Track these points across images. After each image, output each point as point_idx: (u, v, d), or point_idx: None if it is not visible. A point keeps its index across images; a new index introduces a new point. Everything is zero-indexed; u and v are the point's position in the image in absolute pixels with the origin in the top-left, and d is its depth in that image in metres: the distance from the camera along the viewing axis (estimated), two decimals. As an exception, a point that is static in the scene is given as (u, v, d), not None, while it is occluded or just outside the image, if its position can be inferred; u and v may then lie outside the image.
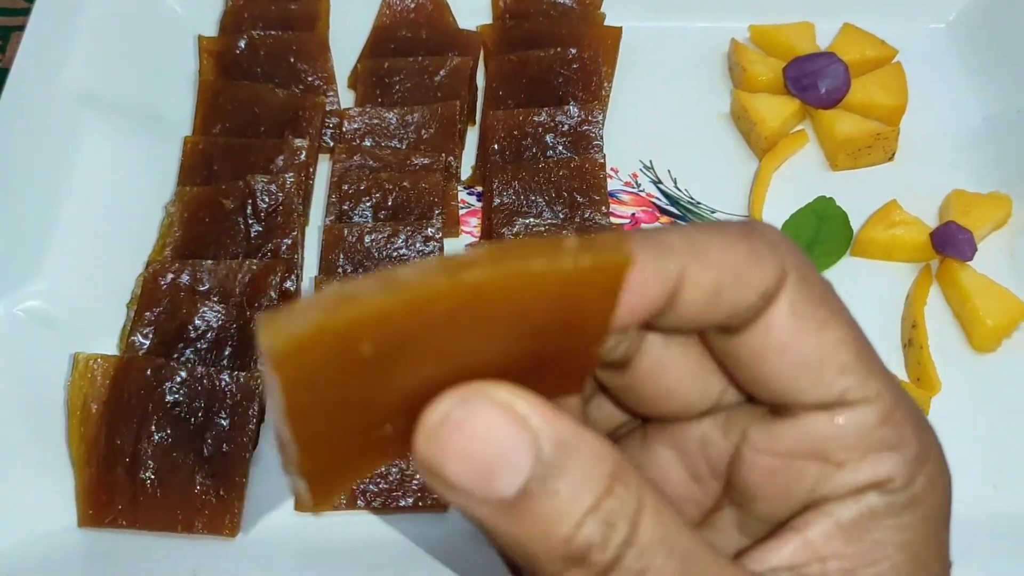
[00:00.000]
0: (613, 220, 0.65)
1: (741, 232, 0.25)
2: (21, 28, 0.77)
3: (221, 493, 0.52)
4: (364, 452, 0.23)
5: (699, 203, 0.67)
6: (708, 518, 0.29)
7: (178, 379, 0.54)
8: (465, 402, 0.22)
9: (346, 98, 0.70)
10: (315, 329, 0.19)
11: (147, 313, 0.58)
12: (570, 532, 0.22)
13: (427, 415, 0.22)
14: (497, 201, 0.63)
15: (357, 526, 0.53)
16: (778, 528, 0.27)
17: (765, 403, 0.27)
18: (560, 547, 0.22)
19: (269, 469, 0.55)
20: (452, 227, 0.64)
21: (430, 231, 0.61)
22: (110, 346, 0.58)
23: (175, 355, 0.56)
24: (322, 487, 0.22)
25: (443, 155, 0.65)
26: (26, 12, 0.77)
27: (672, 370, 0.28)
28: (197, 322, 0.57)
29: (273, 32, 0.70)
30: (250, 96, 0.67)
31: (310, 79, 0.69)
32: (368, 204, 0.63)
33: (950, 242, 0.61)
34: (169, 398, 0.54)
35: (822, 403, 0.26)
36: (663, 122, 0.70)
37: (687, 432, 0.29)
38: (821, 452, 0.26)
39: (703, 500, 0.29)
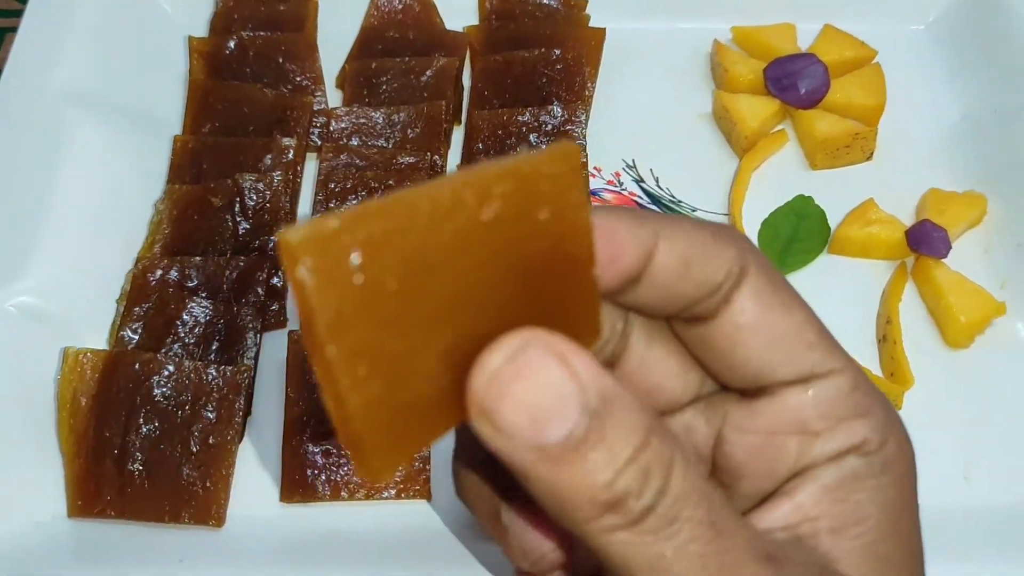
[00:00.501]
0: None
1: (704, 222, 0.29)
2: (13, 30, 0.78)
3: (207, 484, 0.54)
4: (416, 411, 0.23)
5: (680, 201, 0.68)
6: None
7: (166, 373, 0.55)
8: (525, 348, 0.23)
9: (334, 98, 0.72)
10: (334, 227, 0.20)
11: (136, 308, 0.59)
12: (609, 480, 0.23)
13: (486, 358, 0.23)
14: (481, 199, 0.64)
15: (342, 517, 0.54)
16: (768, 496, 0.29)
17: (740, 388, 0.30)
18: (599, 494, 0.23)
19: (255, 461, 0.56)
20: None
21: (415, 228, 0.62)
22: (100, 341, 0.59)
23: (163, 349, 0.57)
24: (380, 448, 0.22)
25: (429, 154, 0.66)
26: (19, 14, 0.79)
27: (656, 368, 0.31)
28: (185, 317, 0.58)
29: (262, 33, 0.71)
30: (239, 96, 0.68)
31: (298, 79, 0.70)
32: (354, 202, 0.64)
33: (925, 240, 0.62)
34: (157, 391, 0.55)
35: (795, 378, 0.28)
36: (646, 122, 0.71)
37: (671, 424, 0.31)
38: (799, 424, 0.28)
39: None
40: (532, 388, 0.23)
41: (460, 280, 0.23)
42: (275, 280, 0.61)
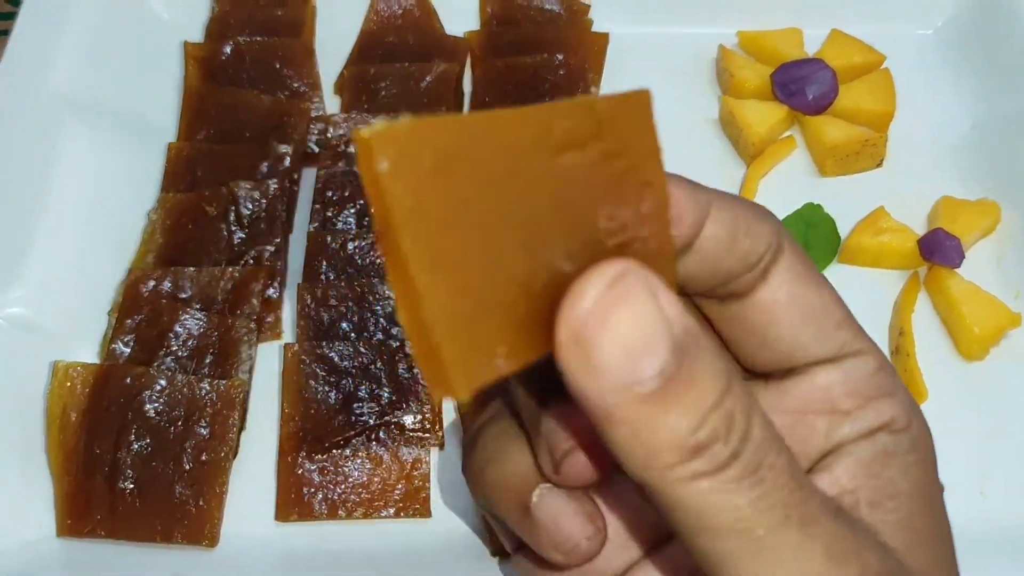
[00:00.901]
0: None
1: (744, 199, 0.29)
2: (5, 33, 0.77)
3: (201, 503, 0.52)
4: (497, 332, 0.22)
5: (686, 210, 0.66)
6: None
7: (158, 387, 0.54)
8: (625, 275, 0.22)
9: (332, 104, 0.70)
10: (412, 127, 0.20)
11: (128, 320, 0.57)
12: (697, 423, 0.23)
13: (584, 284, 0.22)
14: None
15: (338, 536, 0.53)
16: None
17: (769, 370, 0.30)
18: (685, 438, 0.23)
19: (250, 478, 0.54)
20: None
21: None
22: (92, 353, 0.58)
23: (156, 363, 0.56)
24: (459, 360, 0.21)
25: (428, 161, 0.65)
26: (11, 16, 0.77)
27: None
28: (178, 329, 0.57)
29: (259, 38, 0.70)
30: (235, 102, 0.66)
31: (295, 85, 0.69)
32: (352, 211, 0.62)
33: (938, 249, 0.61)
34: (149, 406, 0.53)
35: (825, 356, 0.29)
36: (650, 128, 0.70)
37: None
38: (829, 403, 0.29)
39: None
40: (631, 320, 0.22)
41: (539, 205, 0.22)
42: (270, 291, 0.59)
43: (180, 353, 0.56)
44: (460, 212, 0.21)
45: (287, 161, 0.64)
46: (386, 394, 0.55)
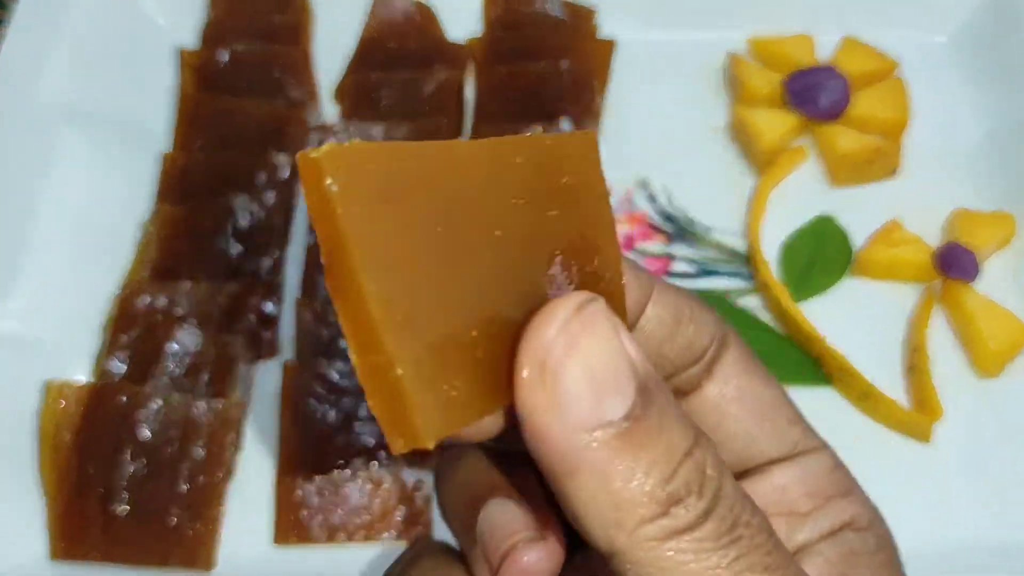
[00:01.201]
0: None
1: (682, 288, 0.28)
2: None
3: (196, 526, 0.51)
4: (461, 373, 0.21)
5: (695, 221, 0.65)
6: None
7: (153, 407, 0.52)
8: (589, 303, 0.21)
9: (331, 112, 0.69)
10: (362, 147, 0.19)
11: (122, 336, 0.56)
12: (669, 472, 0.21)
13: (551, 309, 0.21)
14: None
15: (338, 560, 0.51)
16: None
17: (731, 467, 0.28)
18: (657, 490, 0.21)
19: (247, 500, 0.53)
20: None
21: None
22: (85, 370, 0.56)
23: (150, 381, 0.54)
24: (423, 404, 0.19)
25: (430, 171, 0.63)
26: (3, 22, 0.76)
27: None
28: (173, 346, 0.55)
29: (256, 44, 0.68)
30: (231, 110, 0.65)
31: (293, 93, 0.67)
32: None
33: (954, 263, 0.59)
34: (143, 427, 0.52)
35: (780, 455, 0.28)
36: (658, 137, 0.68)
37: None
38: (787, 504, 0.27)
39: None
40: (598, 350, 0.21)
41: (491, 243, 0.21)
42: (268, 307, 0.58)
43: (175, 371, 0.55)
44: (411, 241, 0.19)
45: (285, 171, 0.62)
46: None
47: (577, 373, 0.20)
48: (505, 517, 0.26)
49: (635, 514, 0.21)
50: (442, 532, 0.51)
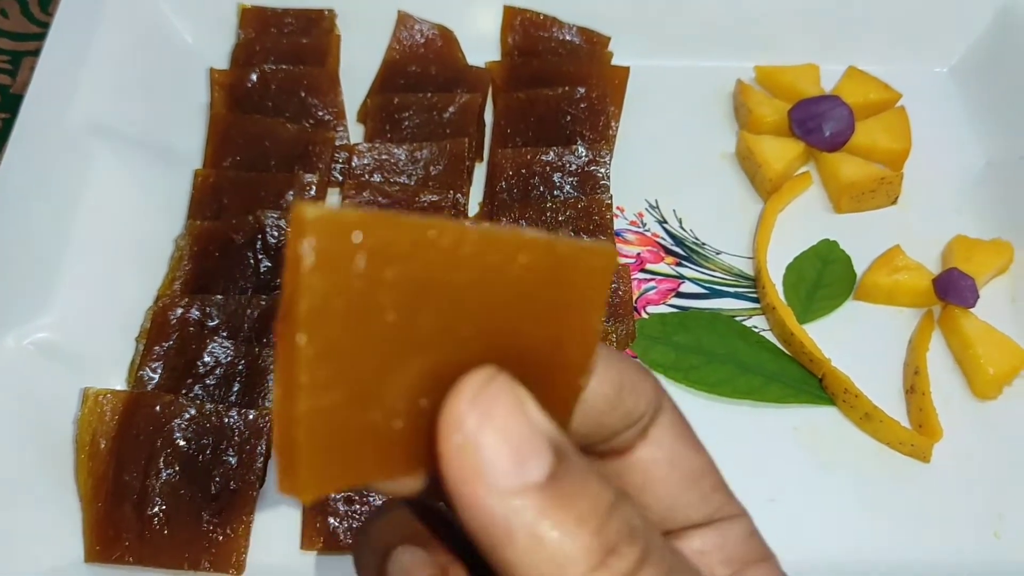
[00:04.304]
0: (619, 260, 0.65)
1: (624, 354, 0.29)
2: (31, 53, 0.78)
3: (228, 531, 0.53)
4: (364, 442, 0.21)
5: (704, 244, 0.67)
6: None
7: (187, 416, 0.54)
8: (496, 376, 0.22)
9: (355, 132, 0.71)
10: (353, 219, 0.19)
11: (156, 347, 0.58)
12: (600, 523, 0.22)
13: (461, 385, 0.21)
14: (505, 239, 0.64)
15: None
16: None
17: None
18: (591, 541, 0.21)
19: (276, 507, 0.55)
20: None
21: (438, 269, 0.61)
22: (119, 379, 0.58)
23: (184, 390, 0.57)
24: (313, 464, 0.20)
25: (451, 192, 0.66)
26: (36, 37, 0.78)
27: None
28: (206, 357, 0.57)
29: (284, 66, 0.70)
30: (261, 130, 0.67)
31: (320, 113, 0.70)
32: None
33: (952, 289, 0.62)
34: (177, 434, 0.54)
35: (701, 520, 0.28)
36: (669, 161, 0.71)
37: None
38: (705, 568, 0.28)
39: None
40: (511, 417, 0.21)
41: (452, 326, 0.22)
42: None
43: (208, 381, 0.57)
44: (367, 321, 0.20)
45: (312, 190, 0.65)
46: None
47: (493, 441, 0.21)
48: (413, 560, 0.27)
49: (574, 570, 0.21)
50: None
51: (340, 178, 0.68)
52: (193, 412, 0.55)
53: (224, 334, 0.58)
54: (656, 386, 0.28)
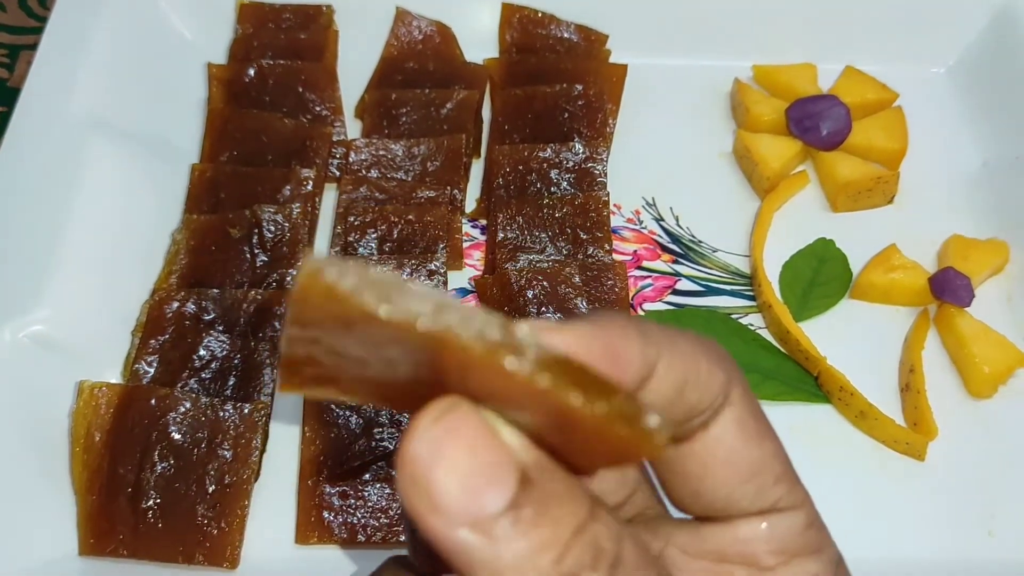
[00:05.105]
0: (615, 257, 0.65)
1: (699, 340, 0.27)
2: (29, 47, 0.78)
3: (222, 525, 0.53)
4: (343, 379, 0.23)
5: (700, 242, 0.67)
6: None
7: (182, 409, 0.54)
8: (453, 408, 0.22)
9: (353, 128, 0.71)
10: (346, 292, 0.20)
11: (152, 341, 0.58)
12: (558, 553, 0.21)
13: (417, 420, 0.22)
14: (501, 236, 0.64)
15: (357, 560, 0.53)
16: None
17: (695, 514, 0.28)
18: (551, 569, 0.21)
19: (271, 501, 0.55)
20: (456, 260, 0.64)
21: (434, 265, 0.61)
22: (114, 373, 0.58)
23: (179, 384, 0.56)
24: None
25: (448, 188, 0.66)
26: (34, 31, 0.78)
27: (593, 485, 0.29)
28: (201, 351, 0.57)
29: (282, 61, 0.70)
30: (258, 125, 0.67)
31: (318, 109, 0.70)
32: (373, 236, 0.63)
33: (948, 288, 0.62)
34: (173, 428, 0.54)
35: (755, 511, 0.27)
36: (666, 159, 0.71)
37: None
38: (749, 557, 0.27)
39: None
40: (465, 450, 0.21)
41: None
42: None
43: (203, 375, 0.57)
44: (340, 359, 0.22)
45: (309, 185, 0.65)
46: (406, 419, 0.56)
47: (443, 476, 0.21)
48: None
49: None
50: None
51: (337, 173, 0.68)
52: (188, 406, 0.54)
53: (220, 328, 0.58)
54: (726, 376, 0.27)
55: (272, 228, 0.62)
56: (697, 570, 0.27)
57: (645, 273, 0.66)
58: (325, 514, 0.54)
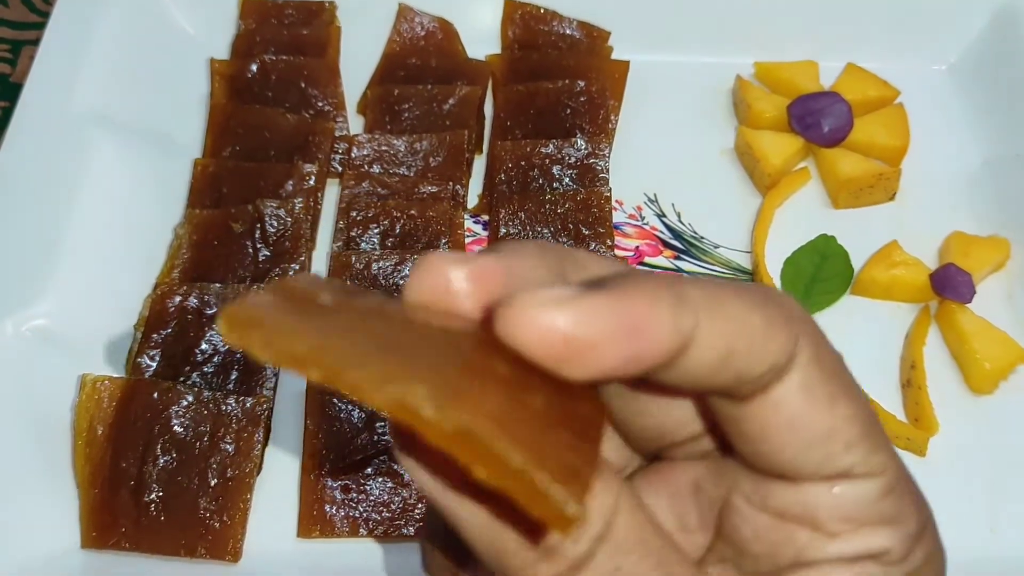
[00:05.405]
0: (617, 253, 0.65)
1: (759, 298, 0.24)
2: (31, 42, 0.78)
3: (224, 518, 0.53)
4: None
5: (702, 238, 0.68)
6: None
7: (184, 403, 0.54)
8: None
9: (355, 124, 0.71)
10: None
11: (154, 335, 0.58)
12: None
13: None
14: (503, 231, 0.64)
15: (359, 554, 0.53)
16: None
17: (758, 472, 0.26)
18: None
19: (273, 495, 0.55)
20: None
21: (437, 260, 0.61)
22: (117, 367, 0.58)
23: (182, 378, 0.57)
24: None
25: (451, 183, 0.66)
26: (36, 26, 0.78)
27: (659, 410, 0.27)
28: (204, 346, 0.58)
29: (284, 57, 0.70)
30: (261, 120, 0.67)
31: (320, 104, 0.70)
32: (376, 231, 0.63)
33: (949, 284, 0.62)
34: (175, 422, 0.54)
35: (823, 476, 0.25)
36: (668, 156, 0.71)
37: (679, 475, 0.28)
38: (814, 520, 0.25)
39: (689, 554, 0.28)
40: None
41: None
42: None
43: (206, 369, 0.57)
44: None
45: (311, 180, 0.65)
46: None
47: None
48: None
49: (513, 561, 0.22)
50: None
51: (339, 169, 0.68)
52: (190, 399, 0.55)
53: (222, 322, 0.58)
54: (789, 339, 0.24)
55: (274, 223, 0.62)
56: (759, 524, 0.26)
57: (647, 269, 0.66)
58: (327, 508, 0.54)
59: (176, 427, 0.54)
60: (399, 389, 0.19)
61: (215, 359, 0.57)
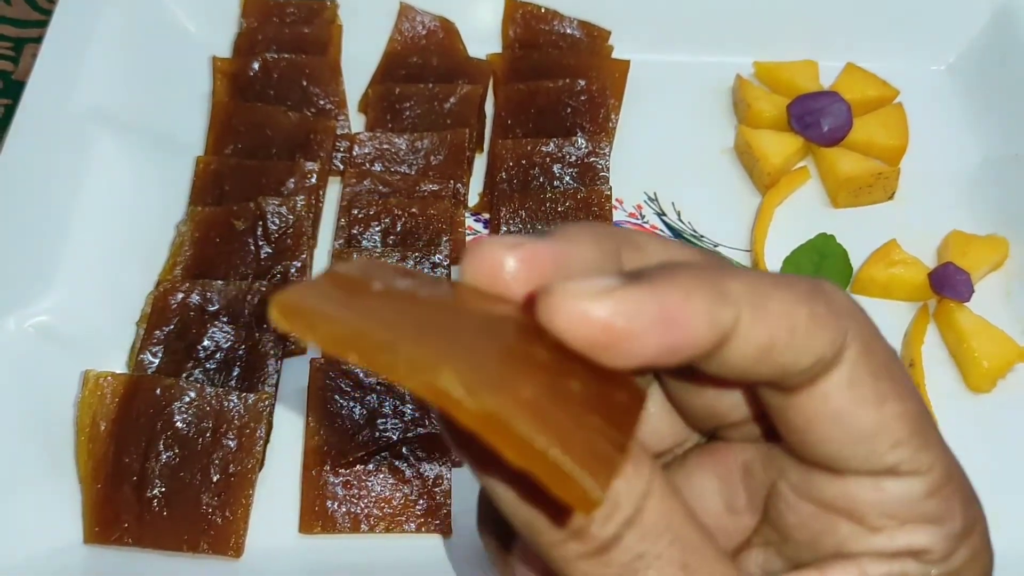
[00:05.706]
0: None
1: (806, 292, 0.23)
2: (34, 40, 0.78)
3: (227, 514, 0.53)
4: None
5: (702, 236, 0.68)
6: (735, 556, 0.28)
7: (187, 399, 0.55)
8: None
9: (356, 122, 0.71)
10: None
11: (157, 332, 0.58)
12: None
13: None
14: (504, 229, 0.64)
15: (361, 549, 0.54)
16: (802, 567, 0.27)
17: (804, 462, 0.26)
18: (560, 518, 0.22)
19: (275, 491, 0.55)
20: (459, 254, 0.65)
21: (438, 258, 0.62)
22: (119, 363, 0.59)
23: (184, 374, 0.57)
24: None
25: (452, 182, 0.66)
26: (38, 24, 0.78)
27: (709, 393, 0.28)
28: (206, 342, 0.58)
29: (286, 55, 0.71)
30: (263, 118, 0.68)
31: (322, 102, 0.70)
32: (377, 229, 0.63)
33: (948, 283, 0.62)
34: (178, 418, 0.54)
35: (868, 471, 0.25)
36: (668, 155, 0.71)
37: (731, 456, 0.29)
38: (857, 514, 0.26)
39: (734, 535, 0.28)
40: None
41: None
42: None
43: (208, 365, 0.57)
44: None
45: (313, 178, 0.65)
46: (409, 411, 0.56)
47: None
48: None
49: (544, 538, 0.23)
50: (458, 525, 0.53)
51: (341, 167, 0.68)
52: (193, 395, 0.55)
53: (224, 319, 0.59)
54: (837, 333, 0.24)
55: (276, 220, 0.62)
56: (803, 513, 0.26)
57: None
58: (329, 504, 0.54)
59: (178, 423, 0.54)
60: (430, 372, 0.19)
61: (217, 355, 0.58)
